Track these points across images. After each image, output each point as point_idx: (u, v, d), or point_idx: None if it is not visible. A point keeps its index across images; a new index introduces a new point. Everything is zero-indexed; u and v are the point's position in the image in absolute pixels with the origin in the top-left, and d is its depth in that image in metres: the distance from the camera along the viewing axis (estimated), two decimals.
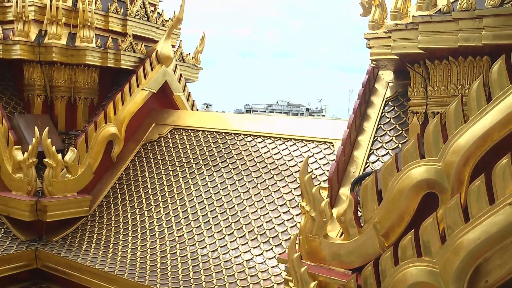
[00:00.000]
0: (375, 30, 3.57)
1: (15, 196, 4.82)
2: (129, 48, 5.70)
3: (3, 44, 5.23)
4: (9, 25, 5.46)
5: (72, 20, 5.47)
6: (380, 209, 2.64)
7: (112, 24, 5.78)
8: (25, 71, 5.56)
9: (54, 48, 5.23)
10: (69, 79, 5.62)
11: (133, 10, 5.93)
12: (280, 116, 70.29)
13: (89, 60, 5.38)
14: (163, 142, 5.75)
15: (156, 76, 5.86)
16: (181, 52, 6.57)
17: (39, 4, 5.40)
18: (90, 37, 5.35)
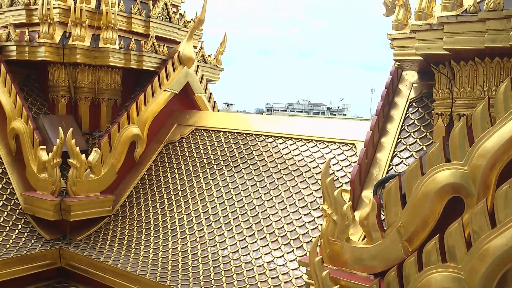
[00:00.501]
0: (399, 31, 3.52)
1: (40, 195, 4.91)
2: (152, 50, 5.75)
3: (29, 46, 5.33)
4: (35, 28, 5.56)
5: (96, 22, 5.54)
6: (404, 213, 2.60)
7: (135, 25, 5.84)
8: (50, 73, 5.65)
9: (78, 50, 5.31)
10: (92, 80, 5.69)
11: (156, 12, 5.98)
12: (301, 116, 70.02)
13: (112, 61, 5.45)
14: (185, 143, 5.78)
15: (178, 77, 5.89)
16: (202, 53, 6.59)
17: (64, 7, 5.48)
18: (113, 38, 5.41)
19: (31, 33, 5.43)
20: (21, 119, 5.18)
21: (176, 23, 6.27)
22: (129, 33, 5.80)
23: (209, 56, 6.75)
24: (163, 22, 6.08)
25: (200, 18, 6.03)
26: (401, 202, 2.67)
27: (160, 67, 5.83)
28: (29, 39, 5.34)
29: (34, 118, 5.32)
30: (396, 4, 3.57)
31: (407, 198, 2.64)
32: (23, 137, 5.14)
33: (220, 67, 6.96)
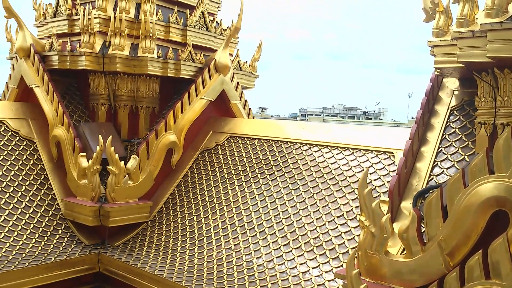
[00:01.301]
0: (440, 38, 3.43)
1: (80, 201, 5.04)
2: (189, 58, 5.83)
3: (71, 55, 5.49)
4: (76, 37, 5.74)
5: (135, 31, 5.66)
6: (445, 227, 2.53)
7: (173, 34, 5.94)
8: (90, 81, 5.81)
9: (118, 59, 5.44)
10: (131, 89, 5.82)
11: (193, 20, 6.06)
12: (336, 120, 68.65)
13: (150, 70, 5.55)
14: (220, 150, 5.81)
15: (214, 85, 5.94)
16: (238, 60, 6.63)
17: (104, 17, 5.63)
18: (152, 47, 5.51)
19: (72, 42, 5.60)
20: (62, 126, 5.34)
21: (213, 31, 6.34)
22: (167, 42, 5.90)
23: (245, 63, 6.78)
24: (200, 31, 6.16)
25: (236, 26, 6.07)
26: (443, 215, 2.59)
27: (197, 75, 5.90)
28: (71, 49, 5.51)
29: (75, 126, 5.47)
30: (436, 10, 3.48)
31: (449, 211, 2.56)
32: (64, 144, 5.30)
33: (255, 74, 6.98)
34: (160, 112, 6.14)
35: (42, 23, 6.34)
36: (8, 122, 5.52)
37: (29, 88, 5.75)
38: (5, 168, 5.13)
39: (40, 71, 5.55)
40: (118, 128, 5.87)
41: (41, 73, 5.53)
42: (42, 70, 5.52)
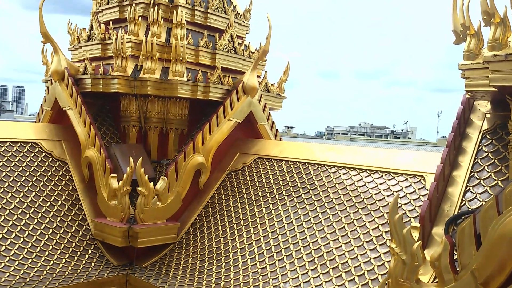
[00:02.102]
0: (471, 61, 3.39)
1: (110, 222, 5.11)
2: (217, 81, 5.91)
3: (103, 79, 5.64)
4: (109, 61, 5.90)
5: (165, 55, 5.79)
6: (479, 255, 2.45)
7: (202, 57, 6.05)
8: (122, 104, 5.94)
9: (149, 82, 5.56)
10: (161, 111, 5.92)
11: (222, 44, 6.17)
12: (363, 139, 67.41)
13: (180, 93, 5.65)
14: (247, 172, 5.82)
15: (242, 106, 5.99)
16: (266, 82, 6.68)
17: (136, 41, 5.78)
18: (182, 71, 5.62)
19: (105, 66, 5.76)
20: (94, 148, 5.46)
21: (241, 54, 6.42)
22: (197, 65, 6.00)
23: (272, 85, 6.83)
24: (228, 54, 6.25)
25: (264, 49, 6.13)
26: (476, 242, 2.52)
27: (225, 97, 5.96)
28: (103, 72, 5.66)
29: (106, 147, 5.58)
30: (467, 33, 3.44)
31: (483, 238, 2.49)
32: (95, 165, 5.41)
33: (282, 96, 7.01)
34: (189, 133, 6.22)
35: (76, 47, 6.56)
36: (42, 144, 5.68)
37: (62, 110, 5.93)
38: (38, 189, 5.27)
39: (73, 93, 5.72)
40: (148, 149, 5.97)
41: (74, 95, 5.70)
42: (75, 92, 5.69)
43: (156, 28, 5.76)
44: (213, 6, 6.30)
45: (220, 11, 6.40)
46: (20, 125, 5.88)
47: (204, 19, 6.26)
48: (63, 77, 5.83)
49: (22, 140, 5.55)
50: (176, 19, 5.79)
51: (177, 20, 5.78)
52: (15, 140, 5.49)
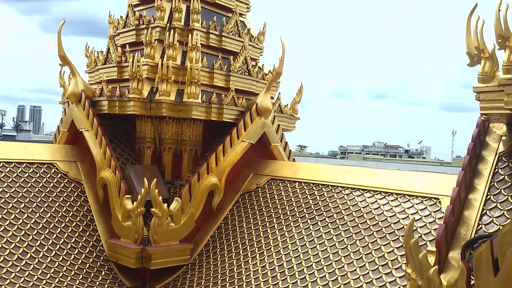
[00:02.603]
0: (486, 84, 3.38)
1: (124, 243, 5.12)
2: (231, 102, 5.96)
3: (119, 101, 5.73)
4: (125, 83, 6.00)
5: (181, 77, 5.87)
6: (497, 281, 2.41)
7: (216, 79, 6.12)
8: (137, 125, 6.02)
9: (164, 104, 5.63)
10: (176, 132, 5.98)
11: (236, 66, 6.24)
12: (377, 159, 66.86)
13: (194, 114, 5.70)
14: (260, 193, 5.82)
15: (255, 127, 6.02)
16: (279, 103, 6.72)
17: (152, 64, 5.88)
18: (197, 93, 5.69)
19: (121, 88, 5.86)
20: (109, 169, 5.52)
21: (255, 76, 6.49)
22: (211, 87, 6.07)
23: (286, 106, 6.86)
24: (242, 76, 6.32)
25: (277, 71, 6.19)
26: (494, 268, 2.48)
27: (239, 118, 6.01)
28: (120, 95, 5.76)
29: (121, 168, 5.64)
30: (482, 56, 3.44)
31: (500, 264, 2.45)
32: (110, 186, 5.46)
33: (296, 117, 7.04)
34: (203, 154, 6.25)
35: (93, 70, 6.69)
36: (58, 165, 5.76)
37: (78, 132, 6.01)
38: (53, 209, 5.32)
39: (90, 115, 5.81)
40: (162, 170, 6.01)
41: (91, 117, 5.79)
42: (92, 114, 5.78)
43: (171, 51, 5.86)
44: (227, 29, 6.40)
45: (234, 34, 6.49)
46: (37, 146, 5.97)
47: (219, 42, 6.36)
48: (80, 99, 5.94)
49: (39, 161, 5.64)
50: (191, 43, 5.89)
51: (193, 44, 5.88)
52: (32, 161, 5.58)
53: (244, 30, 6.68)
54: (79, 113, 5.93)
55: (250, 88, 6.45)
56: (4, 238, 4.76)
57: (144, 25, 6.19)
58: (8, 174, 5.28)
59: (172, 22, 6.13)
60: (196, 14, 6.16)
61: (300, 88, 7.18)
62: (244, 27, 6.76)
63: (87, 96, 5.91)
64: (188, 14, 6.21)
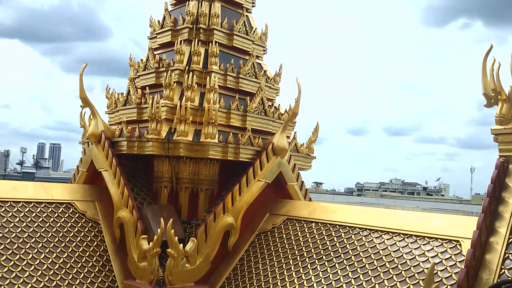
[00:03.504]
0: (503, 126, 3.37)
1: (139, 284, 5.09)
2: (248, 142, 6.01)
3: (138, 141, 5.83)
4: (144, 124, 6.12)
5: (198, 118, 5.97)
6: None
7: (233, 120, 6.20)
8: (155, 165, 6.09)
9: (182, 144, 5.71)
10: (193, 172, 6.03)
11: (252, 107, 6.33)
12: (394, 196, 65.90)
13: (211, 154, 5.76)
14: (277, 233, 5.77)
15: (271, 167, 6.04)
16: (295, 142, 6.76)
17: (170, 105, 6.00)
18: (214, 133, 5.77)
19: (140, 129, 5.97)
20: (126, 209, 5.56)
21: (271, 116, 6.56)
22: (228, 127, 6.15)
23: (302, 145, 6.89)
24: (259, 116, 6.40)
25: (294, 111, 6.25)
26: None
27: (255, 158, 6.04)
28: (139, 135, 5.86)
29: (138, 208, 5.67)
30: (499, 98, 3.45)
31: None
32: (127, 226, 5.48)
33: (312, 156, 7.05)
34: (219, 194, 6.26)
35: (113, 110, 6.84)
36: (76, 204, 5.82)
37: (97, 172, 6.10)
38: (70, 249, 5.34)
39: (109, 155, 5.90)
40: (179, 209, 6.02)
41: (110, 157, 5.88)
42: (111, 154, 5.88)
43: (190, 93, 5.99)
44: (244, 71, 6.53)
45: (251, 76, 6.62)
46: (56, 186, 6.05)
47: (236, 83, 6.49)
48: (99, 140, 6.05)
49: (58, 200, 5.71)
50: (209, 84, 6.02)
51: (210, 85, 6.01)
52: (51, 201, 5.65)
53: (260, 71, 6.81)
54: (98, 153, 6.04)
55: (266, 127, 6.52)
56: (21, 278, 4.78)
57: (164, 68, 6.36)
58: (27, 214, 5.35)
59: (191, 65, 6.30)
60: (214, 57, 6.33)
61: (316, 128, 7.22)
62: (260, 68, 6.90)
63: (106, 136, 6.02)
64: (207, 57, 6.38)
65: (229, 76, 6.42)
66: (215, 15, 6.55)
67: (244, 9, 6.99)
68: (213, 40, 6.47)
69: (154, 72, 6.46)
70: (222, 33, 6.63)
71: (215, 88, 6.04)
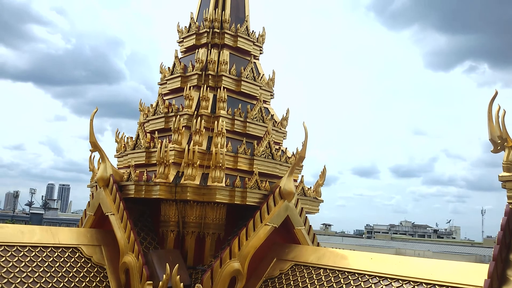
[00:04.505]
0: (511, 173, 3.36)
1: None
2: (255, 186, 6.01)
3: (146, 185, 5.86)
4: (152, 168, 6.16)
5: (206, 162, 6.01)
6: None
7: (240, 163, 6.23)
8: (162, 209, 6.08)
9: (189, 188, 5.72)
10: (199, 216, 6.01)
11: (260, 150, 6.37)
12: (404, 239, 64.57)
13: (218, 198, 5.76)
14: (284, 279, 5.66)
15: (279, 211, 6.00)
16: (302, 186, 6.74)
17: (179, 149, 6.06)
18: (221, 177, 5.79)
19: (148, 173, 6.01)
20: (132, 253, 5.51)
21: (278, 159, 6.59)
22: (235, 171, 6.17)
23: (309, 189, 6.86)
24: (266, 160, 6.43)
25: (300, 155, 6.27)
26: None
27: (262, 201, 6.02)
28: (147, 179, 5.89)
29: (144, 253, 5.62)
30: (505, 145, 3.46)
31: None
32: (132, 271, 5.42)
33: (319, 199, 7.00)
34: (226, 238, 6.21)
35: (122, 154, 6.91)
36: (82, 249, 5.79)
37: (104, 215, 6.10)
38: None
39: (116, 199, 5.92)
40: (185, 254, 5.96)
41: (117, 201, 5.89)
42: (118, 198, 5.89)
43: (198, 137, 6.06)
44: (252, 115, 6.62)
45: (258, 120, 6.71)
46: (63, 230, 6.05)
47: (243, 127, 6.56)
48: (108, 184, 6.09)
49: (64, 245, 5.69)
50: (217, 129, 6.10)
51: (218, 130, 6.09)
52: (57, 245, 5.63)
53: (267, 115, 6.90)
54: (106, 197, 6.06)
55: (273, 171, 6.53)
56: None
57: (173, 113, 6.47)
58: (33, 258, 5.33)
59: (199, 110, 6.41)
60: (222, 102, 6.44)
61: (323, 171, 7.21)
62: (268, 113, 6.99)
63: (115, 180, 6.06)
64: (215, 102, 6.50)
65: (237, 120, 6.50)
66: (224, 62, 6.73)
67: (252, 56, 7.17)
68: (222, 85, 6.61)
69: (164, 117, 6.57)
70: (230, 79, 6.78)
71: (223, 132, 6.11)
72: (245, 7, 7.42)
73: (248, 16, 7.38)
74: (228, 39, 7.01)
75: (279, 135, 7.04)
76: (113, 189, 5.99)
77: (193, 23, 7.27)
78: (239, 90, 6.82)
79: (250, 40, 7.27)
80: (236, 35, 7.07)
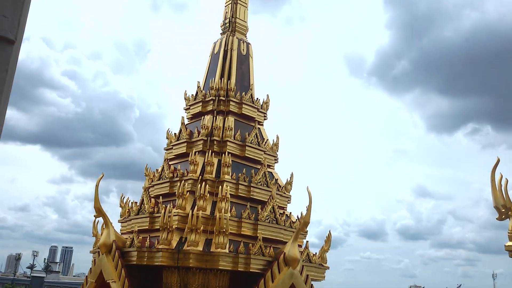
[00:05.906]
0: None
1: None
2: (259, 252, 5.93)
3: (148, 251, 5.80)
4: (155, 233, 6.12)
5: (209, 227, 5.97)
6: None
7: (244, 229, 6.19)
8: (164, 276, 5.97)
9: (191, 255, 5.65)
10: (202, 283, 5.86)
11: (264, 215, 6.34)
12: None
13: (221, 265, 5.67)
14: None
15: (283, 278, 5.87)
16: (307, 252, 6.62)
17: (182, 214, 6.05)
18: (224, 243, 5.72)
19: (151, 238, 5.95)
20: None
21: (282, 224, 6.53)
22: (239, 236, 6.11)
23: (314, 255, 6.74)
24: (270, 225, 6.38)
25: (305, 220, 6.23)
26: None
27: (266, 268, 5.90)
28: (149, 245, 5.83)
29: None
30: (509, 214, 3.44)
31: None
32: None
33: (325, 266, 6.86)
34: None
35: (126, 219, 6.89)
36: None
37: (105, 282, 5.98)
38: None
39: (118, 266, 5.84)
40: None
41: (119, 268, 5.81)
42: (120, 265, 5.81)
43: (202, 202, 6.06)
44: (256, 180, 6.66)
45: (262, 185, 6.73)
46: None
47: (248, 192, 6.57)
48: (110, 250, 6.03)
49: None
50: (221, 193, 6.11)
51: (222, 195, 6.09)
52: None
53: (272, 180, 6.92)
54: (108, 263, 5.97)
55: (277, 236, 6.46)
56: None
57: (178, 178, 6.52)
58: None
59: (204, 175, 6.46)
60: (227, 167, 6.50)
61: (328, 236, 7.12)
62: (272, 177, 7.02)
63: (117, 246, 6.01)
64: (219, 167, 6.56)
65: (241, 185, 6.53)
66: (229, 128, 6.87)
67: (256, 122, 7.33)
68: (226, 151, 6.70)
69: (168, 182, 6.61)
70: (235, 144, 6.89)
71: (227, 197, 6.12)
72: (250, 76, 7.68)
73: (252, 84, 7.63)
74: (233, 106, 7.21)
75: (284, 200, 7.03)
76: (115, 255, 5.92)
77: (200, 91, 7.51)
78: (243, 155, 6.90)
79: (255, 107, 7.46)
80: (241, 102, 7.27)
